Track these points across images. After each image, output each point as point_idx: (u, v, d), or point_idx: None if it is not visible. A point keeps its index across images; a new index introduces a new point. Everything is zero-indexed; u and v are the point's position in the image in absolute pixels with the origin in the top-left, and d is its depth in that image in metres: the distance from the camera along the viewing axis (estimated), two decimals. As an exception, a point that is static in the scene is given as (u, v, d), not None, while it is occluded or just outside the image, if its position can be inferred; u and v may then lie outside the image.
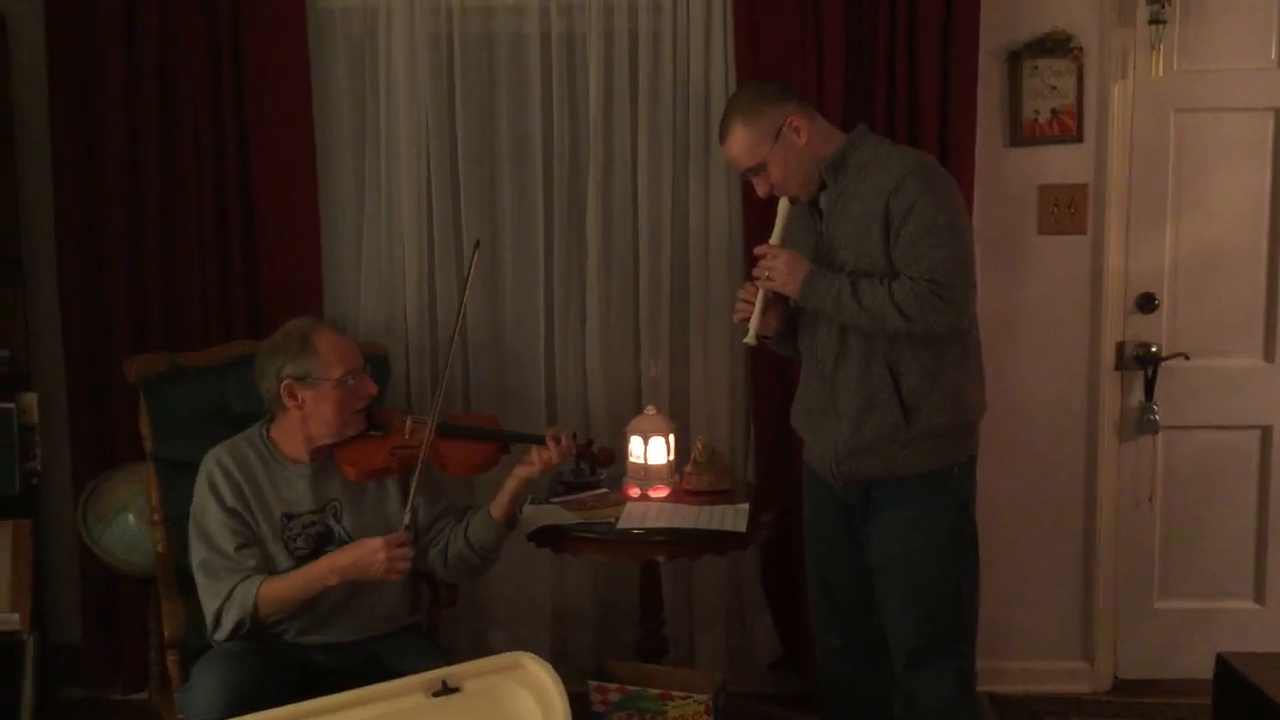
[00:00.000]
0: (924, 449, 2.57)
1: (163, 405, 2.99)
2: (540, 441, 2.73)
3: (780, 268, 2.59)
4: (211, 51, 3.35)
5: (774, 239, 2.67)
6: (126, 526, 3.21)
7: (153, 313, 3.41)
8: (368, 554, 2.48)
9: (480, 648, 3.55)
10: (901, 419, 2.54)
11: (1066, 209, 3.54)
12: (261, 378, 2.65)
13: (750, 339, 2.68)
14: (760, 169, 2.62)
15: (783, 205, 2.68)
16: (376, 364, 3.25)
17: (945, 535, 2.61)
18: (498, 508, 2.68)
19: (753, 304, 2.65)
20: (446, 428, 2.70)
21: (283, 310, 3.38)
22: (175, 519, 2.84)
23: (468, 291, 2.76)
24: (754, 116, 2.61)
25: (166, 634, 2.67)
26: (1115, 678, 3.71)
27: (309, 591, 2.51)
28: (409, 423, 2.75)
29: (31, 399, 3.37)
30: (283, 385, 2.60)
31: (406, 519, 2.55)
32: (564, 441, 2.69)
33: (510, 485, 2.69)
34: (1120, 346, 3.59)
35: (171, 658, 2.66)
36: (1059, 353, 3.61)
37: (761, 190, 2.67)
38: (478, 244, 2.86)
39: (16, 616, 3.30)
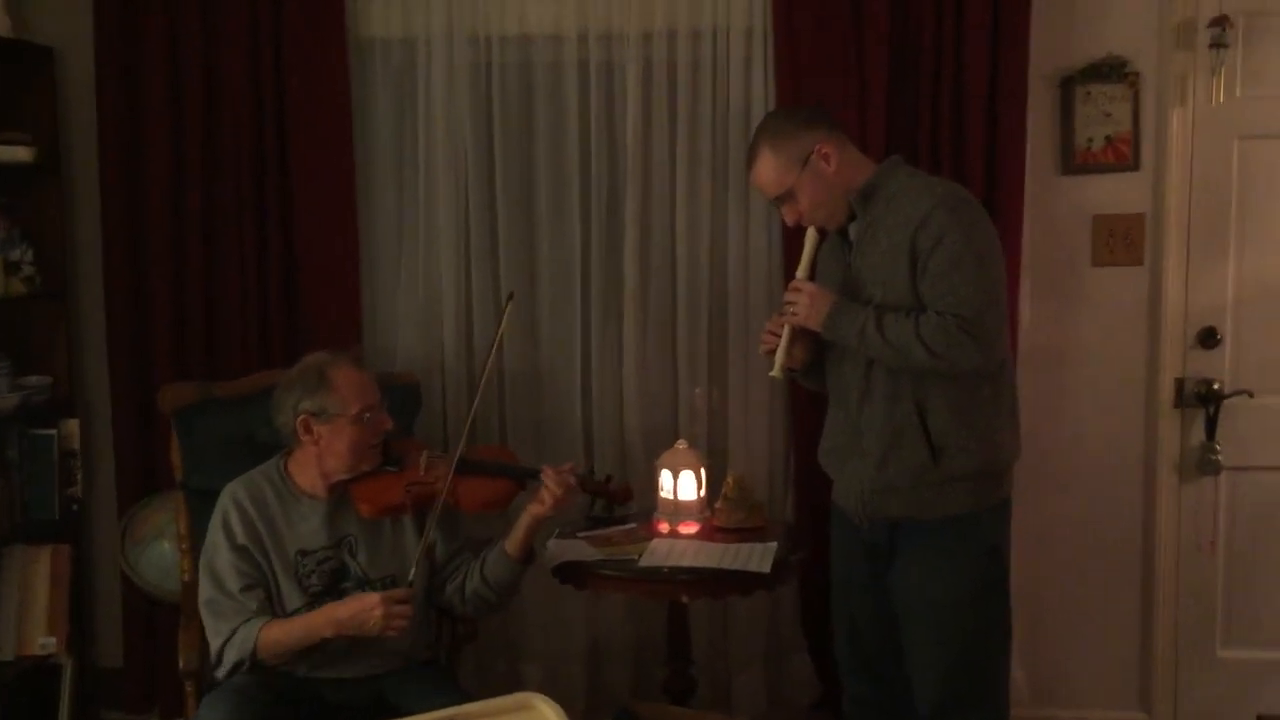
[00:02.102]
0: (952, 491, 2.47)
1: (193, 435, 3.01)
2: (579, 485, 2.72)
3: (804, 301, 2.52)
4: (254, 82, 3.38)
5: (801, 271, 2.61)
6: (161, 552, 3.25)
7: (193, 342, 3.45)
8: (365, 609, 2.44)
9: (513, 682, 3.52)
10: (929, 459, 2.45)
11: (1122, 240, 3.41)
12: (278, 411, 2.65)
13: (775, 372, 2.61)
14: (788, 197, 2.56)
15: (810, 236, 2.62)
16: (407, 394, 3.26)
17: (972, 583, 2.51)
18: (512, 545, 2.65)
19: (778, 337, 2.59)
20: (463, 464, 2.67)
21: (321, 340, 3.40)
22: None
23: (495, 344, 2.71)
24: (782, 142, 2.54)
25: (182, 663, 2.68)
26: (1175, 729, 3.55)
27: (307, 640, 2.48)
28: (424, 458, 2.72)
29: (73, 425, 3.45)
30: (299, 420, 2.60)
31: (412, 575, 2.52)
32: (562, 478, 2.63)
33: (523, 522, 2.65)
34: (1180, 383, 3.44)
35: (188, 687, 2.67)
36: (1115, 389, 3.47)
37: (789, 219, 2.61)
38: (511, 295, 2.82)
39: (54, 640, 3.40)
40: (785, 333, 2.57)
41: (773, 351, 2.60)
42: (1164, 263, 3.39)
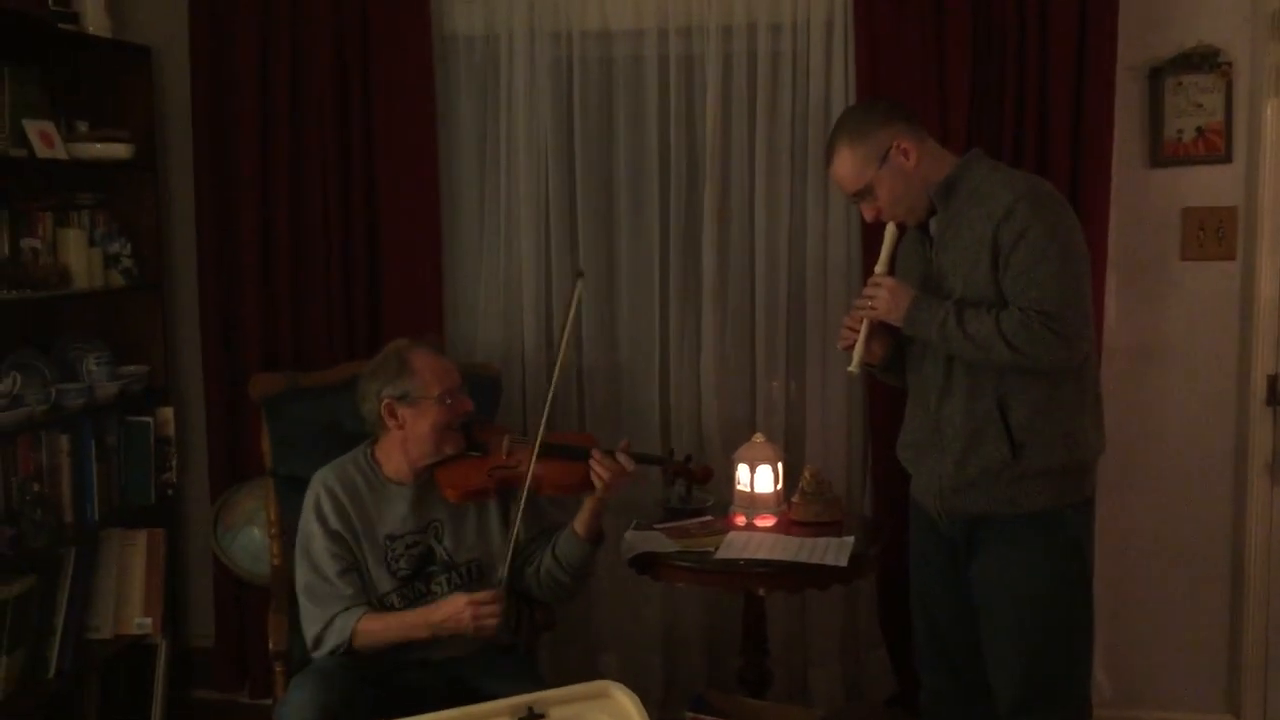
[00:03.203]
0: (1033, 488, 2.45)
1: (282, 423, 3.09)
2: (655, 461, 2.76)
3: (884, 296, 2.51)
4: (341, 79, 3.46)
5: (880, 266, 2.60)
6: (252, 538, 3.34)
7: (282, 333, 3.54)
8: (455, 612, 2.51)
9: (590, 671, 3.55)
10: (1010, 455, 2.43)
11: (1213, 233, 3.34)
12: (364, 399, 2.71)
13: (854, 368, 2.61)
14: (867, 193, 2.54)
15: (890, 231, 2.61)
16: (488, 384, 3.30)
17: (1055, 580, 2.47)
18: (580, 524, 2.69)
19: (857, 331, 2.58)
20: (544, 447, 2.69)
21: (404, 330, 3.47)
22: (292, 533, 2.91)
23: (569, 322, 2.70)
24: (860, 138, 2.53)
25: (271, 645, 2.75)
26: (1264, 733, 3.47)
27: (402, 639, 2.55)
28: (506, 442, 2.77)
29: (168, 413, 3.56)
30: (383, 405, 2.66)
31: (501, 574, 2.57)
32: (607, 463, 2.64)
33: (588, 503, 2.69)
34: (1272, 380, 3.35)
35: (277, 668, 2.74)
36: (1204, 386, 3.40)
37: (869, 215, 2.60)
38: (580, 274, 2.86)
39: (150, 621, 3.51)
40: (864, 327, 2.57)
41: (851, 347, 2.60)
42: (1257, 257, 3.30)
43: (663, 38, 3.43)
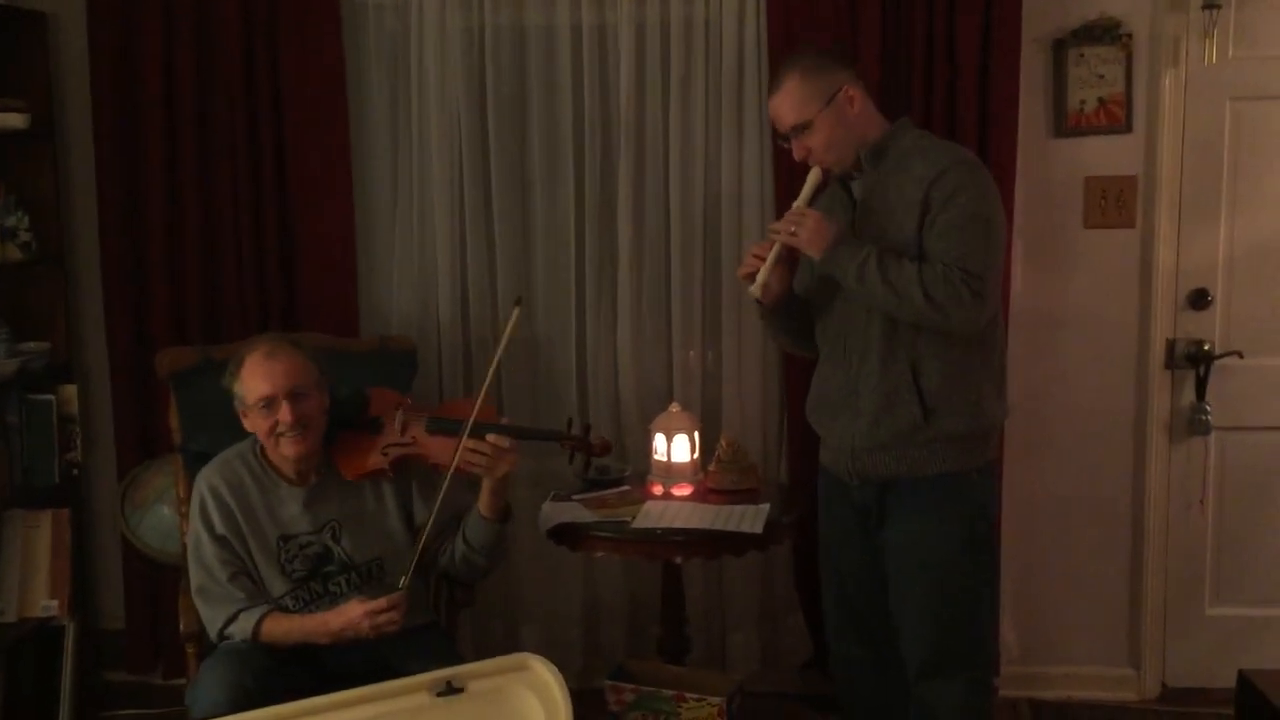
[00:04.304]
0: (941, 451, 2.50)
1: (192, 398, 3.03)
2: (545, 437, 2.74)
3: (810, 225, 2.48)
4: (247, 46, 3.38)
5: (799, 203, 2.58)
6: (161, 517, 3.27)
7: (191, 307, 3.47)
8: (353, 622, 2.47)
9: (511, 644, 3.56)
10: (921, 419, 2.48)
11: (1114, 202, 3.42)
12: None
13: (756, 291, 2.57)
14: (804, 129, 2.52)
15: (814, 175, 2.58)
16: (404, 358, 3.28)
17: (961, 542, 2.53)
18: (483, 505, 2.65)
19: (763, 259, 2.56)
20: (436, 422, 2.66)
21: (318, 302, 3.45)
22: (202, 511, 2.88)
23: (503, 345, 2.63)
24: (812, 73, 2.53)
25: (183, 626, 2.71)
26: (1163, 685, 3.60)
27: (304, 642, 2.51)
28: (398, 419, 2.73)
29: (71, 391, 3.48)
30: (235, 405, 2.64)
31: (403, 581, 2.51)
32: (481, 443, 2.57)
33: (484, 483, 2.64)
34: (1171, 344, 3.46)
35: (189, 650, 2.70)
36: (1106, 350, 3.50)
37: (798, 153, 2.57)
38: (518, 301, 2.71)
39: (56, 603, 3.43)
40: (774, 252, 2.54)
41: (751, 275, 2.58)
42: (1156, 224, 3.40)
43: (575, 6, 3.40)
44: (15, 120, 3.32)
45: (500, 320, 2.67)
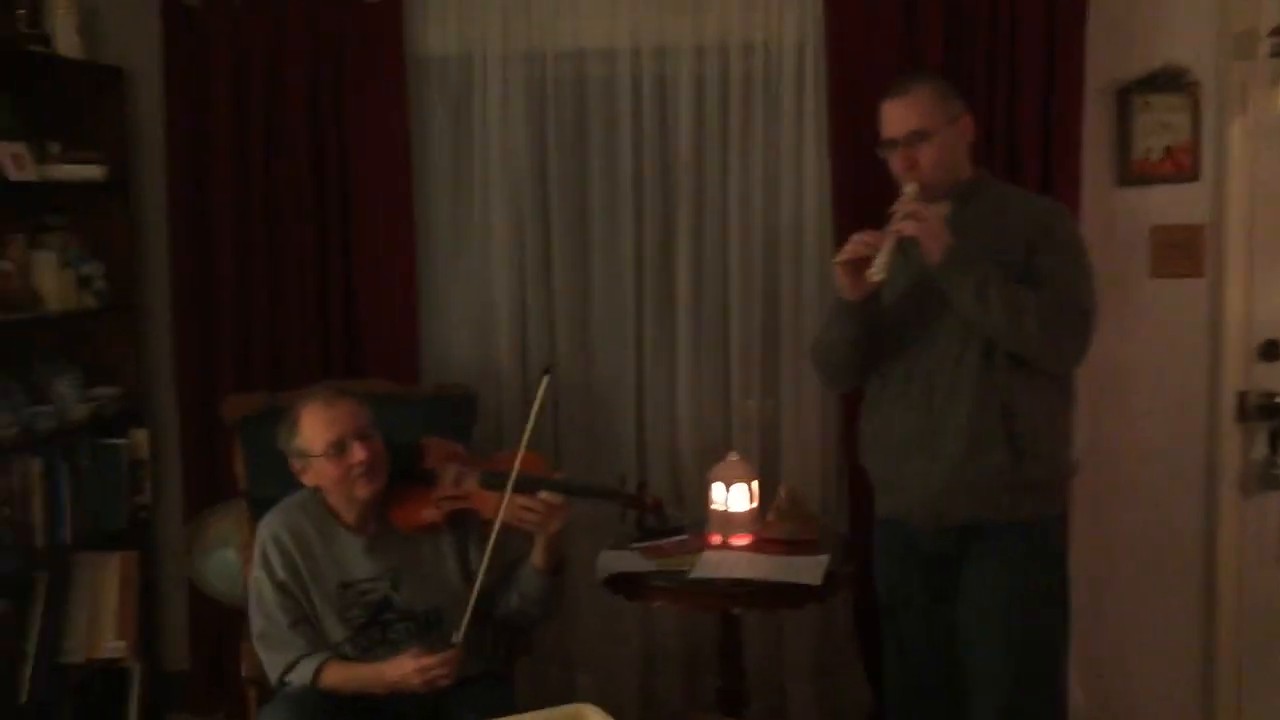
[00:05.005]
0: (1028, 497, 2.45)
1: (257, 444, 3.07)
2: (597, 495, 2.73)
3: (935, 223, 2.38)
4: (314, 98, 3.46)
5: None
6: (225, 560, 3.31)
7: (257, 354, 3.54)
8: (406, 676, 2.47)
9: (568, 692, 3.54)
10: (1011, 462, 2.41)
11: (1182, 251, 3.37)
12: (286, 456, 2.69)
13: (880, 274, 2.38)
14: (922, 138, 2.49)
15: (913, 189, 2.49)
16: (463, 404, 3.31)
17: (1043, 592, 2.48)
18: (536, 559, 2.64)
19: (873, 245, 2.40)
20: (490, 476, 2.66)
21: (380, 350, 3.49)
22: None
23: (534, 415, 2.56)
24: (943, 92, 2.58)
25: (244, 670, 2.74)
26: (1237, 746, 3.49)
27: (361, 691, 2.53)
28: (453, 472, 2.73)
29: (141, 436, 3.54)
30: (291, 464, 2.65)
31: (457, 637, 2.50)
32: (532, 501, 2.56)
33: (537, 539, 2.63)
34: (1242, 396, 3.38)
35: (251, 694, 2.73)
36: (1175, 403, 3.43)
37: (902, 163, 2.50)
38: (547, 370, 2.67)
39: (123, 644, 3.48)
40: (892, 240, 2.39)
41: (853, 261, 2.43)
42: (1225, 274, 3.34)
43: (635, 58, 3.44)
44: (93, 172, 3.43)
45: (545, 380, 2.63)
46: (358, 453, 2.58)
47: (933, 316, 2.50)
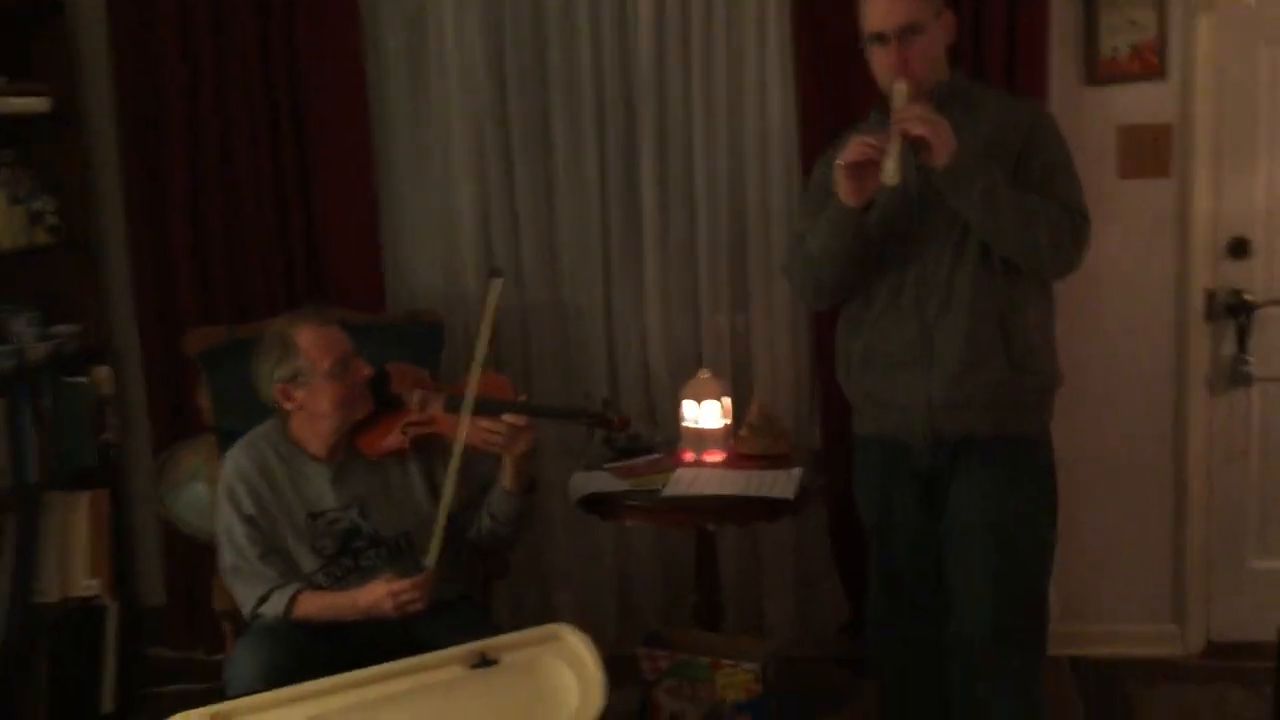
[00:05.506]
0: (1022, 411, 2.45)
1: (221, 377, 3.04)
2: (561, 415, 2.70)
3: (944, 128, 2.27)
4: (264, 24, 3.36)
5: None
6: (197, 494, 3.29)
7: (218, 286, 3.48)
8: (378, 601, 2.47)
9: (545, 611, 3.57)
10: (1008, 375, 2.39)
11: (1149, 151, 3.34)
12: (258, 385, 2.64)
13: (893, 179, 2.26)
14: (914, 31, 2.39)
15: (904, 86, 2.36)
16: (431, 332, 3.28)
17: (1033, 503, 2.48)
18: (506, 480, 2.64)
19: (876, 147, 2.29)
20: (455, 400, 2.62)
21: (344, 277, 3.45)
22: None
23: (486, 324, 2.53)
24: None
25: (217, 604, 2.72)
26: (1207, 641, 3.55)
27: (335, 619, 2.52)
28: (417, 397, 2.71)
29: (104, 372, 3.49)
30: (278, 389, 2.60)
31: (428, 559, 2.49)
32: (495, 423, 2.56)
33: (505, 460, 2.62)
34: (1210, 295, 3.39)
35: (226, 627, 2.72)
36: (1144, 303, 3.42)
37: (891, 58, 2.39)
38: (495, 271, 2.65)
39: (98, 582, 3.47)
40: (898, 142, 2.27)
41: (856, 163, 2.32)
42: (1192, 173, 3.32)
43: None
44: (38, 104, 3.33)
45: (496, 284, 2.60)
46: (361, 368, 2.62)
47: (921, 224, 2.43)
